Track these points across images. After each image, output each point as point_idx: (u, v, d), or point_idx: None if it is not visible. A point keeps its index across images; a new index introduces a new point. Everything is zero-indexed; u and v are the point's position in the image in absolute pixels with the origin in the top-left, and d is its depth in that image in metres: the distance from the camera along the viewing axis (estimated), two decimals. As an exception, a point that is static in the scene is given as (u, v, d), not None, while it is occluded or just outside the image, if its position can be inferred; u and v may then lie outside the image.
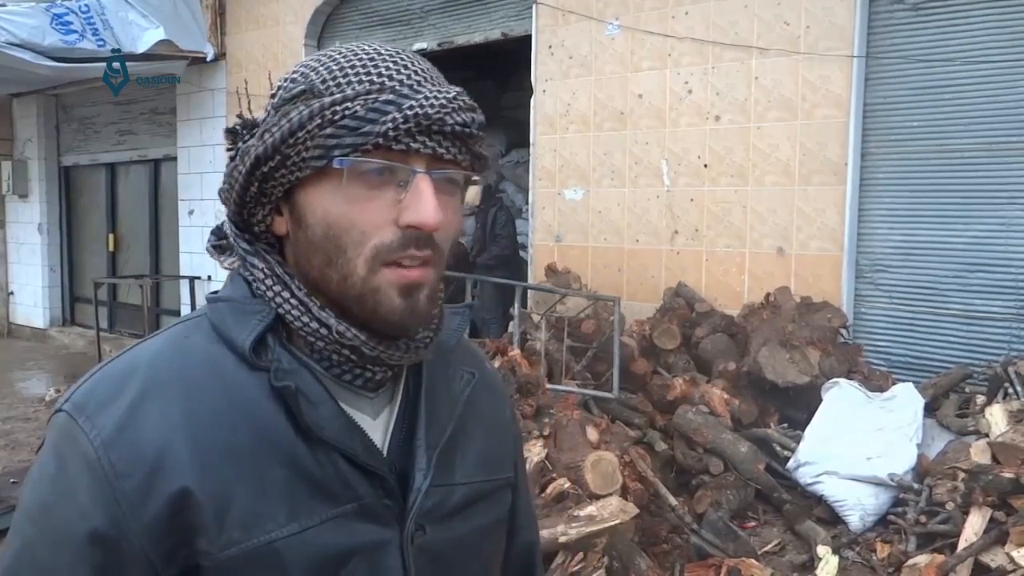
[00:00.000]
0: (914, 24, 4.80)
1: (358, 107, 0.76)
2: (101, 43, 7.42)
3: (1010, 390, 4.03)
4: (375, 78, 0.78)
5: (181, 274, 8.98)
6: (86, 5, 7.38)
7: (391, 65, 0.79)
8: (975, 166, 4.66)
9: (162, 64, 8.03)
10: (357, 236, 0.77)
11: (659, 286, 5.62)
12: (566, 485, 3.26)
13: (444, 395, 0.90)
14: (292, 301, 0.80)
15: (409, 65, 0.80)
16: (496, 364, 4.24)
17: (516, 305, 4.88)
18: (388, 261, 0.77)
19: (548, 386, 4.19)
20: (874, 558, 3.61)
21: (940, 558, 3.29)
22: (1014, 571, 3.07)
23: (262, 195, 0.82)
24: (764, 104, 5.21)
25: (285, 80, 0.83)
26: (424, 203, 0.76)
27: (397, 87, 0.77)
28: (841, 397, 4.25)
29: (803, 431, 4.21)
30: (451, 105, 0.78)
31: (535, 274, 6.22)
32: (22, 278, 11.14)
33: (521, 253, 7.19)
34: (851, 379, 4.43)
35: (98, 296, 8.79)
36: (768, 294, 5.03)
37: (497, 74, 9.42)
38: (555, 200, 6.20)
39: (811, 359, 4.50)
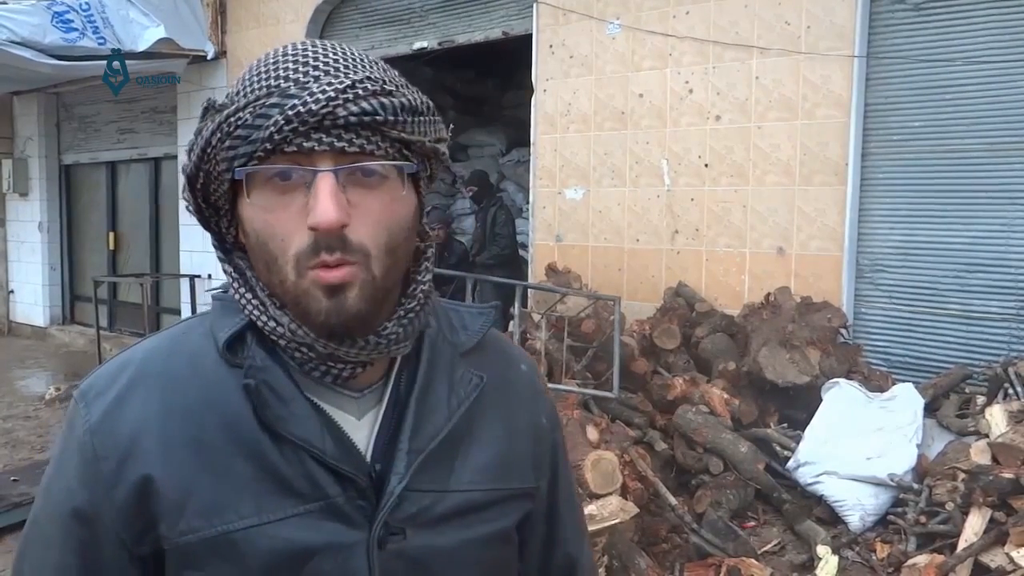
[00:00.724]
0: (915, 24, 4.80)
1: (247, 115, 0.76)
2: (102, 41, 7.42)
3: (1010, 391, 4.03)
4: (272, 81, 0.76)
5: (181, 273, 8.97)
6: (87, 3, 7.38)
7: (291, 64, 0.77)
8: (976, 166, 4.66)
9: (163, 62, 8.02)
10: (279, 243, 0.77)
11: (659, 286, 5.62)
12: (566, 484, 3.25)
13: (442, 398, 0.87)
14: (254, 302, 0.82)
15: (311, 60, 0.77)
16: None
17: (516, 304, 4.87)
18: (310, 265, 0.76)
19: (548, 385, 4.18)
20: (874, 558, 3.61)
21: (940, 558, 3.29)
22: (1014, 571, 3.07)
23: (213, 208, 0.84)
24: (765, 104, 5.21)
25: (241, 80, 0.82)
26: (319, 203, 0.74)
27: (287, 87, 0.75)
28: (841, 397, 4.25)
29: (803, 431, 4.21)
30: (342, 96, 0.75)
31: (535, 273, 6.22)
32: (22, 276, 11.15)
33: (521, 252, 7.19)
34: (851, 379, 4.43)
35: (98, 294, 8.78)
36: (768, 294, 5.03)
37: (498, 73, 9.43)
38: (555, 199, 6.20)
39: (811, 359, 4.50)
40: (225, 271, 0.86)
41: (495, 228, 7.05)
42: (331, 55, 0.78)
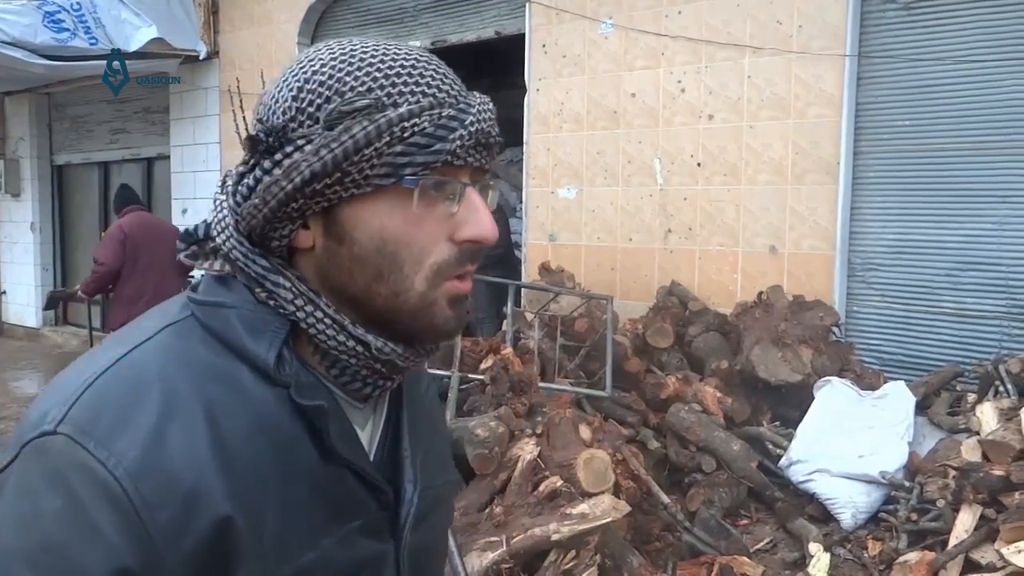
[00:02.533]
0: (906, 23, 4.82)
1: (426, 124, 0.73)
2: (93, 41, 7.40)
3: (1001, 388, 4.05)
4: (427, 90, 0.75)
5: (174, 273, 8.94)
6: (78, 3, 7.35)
7: (435, 73, 0.77)
8: (967, 165, 4.68)
9: (155, 62, 8.00)
10: (416, 253, 0.75)
11: (652, 285, 5.63)
12: (559, 483, 3.26)
13: (417, 401, 0.90)
14: (326, 321, 0.76)
15: (448, 73, 0.78)
16: (489, 363, 4.24)
17: (509, 304, 4.88)
18: (450, 276, 0.77)
19: (541, 384, 4.19)
20: (865, 555, 3.62)
21: (931, 555, 3.30)
22: (1004, 568, 3.08)
23: (299, 211, 0.75)
24: (757, 103, 5.22)
25: (315, 85, 0.75)
26: (483, 217, 0.76)
27: (454, 101, 0.76)
28: (833, 395, 4.26)
29: (795, 429, 4.23)
30: (493, 116, 0.79)
31: (529, 273, 6.22)
32: (15, 277, 11.10)
33: (515, 252, 7.20)
34: (843, 377, 4.45)
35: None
36: (761, 293, 5.04)
37: (491, 73, 9.42)
38: (548, 199, 6.21)
39: (803, 357, 4.51)
40: (278, 284, 0.76)
41: (488, 228, 7.05)
42: (443, 66, 0.79)
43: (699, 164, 5.47)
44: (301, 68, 0.76)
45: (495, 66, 8.55)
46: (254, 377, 0.74)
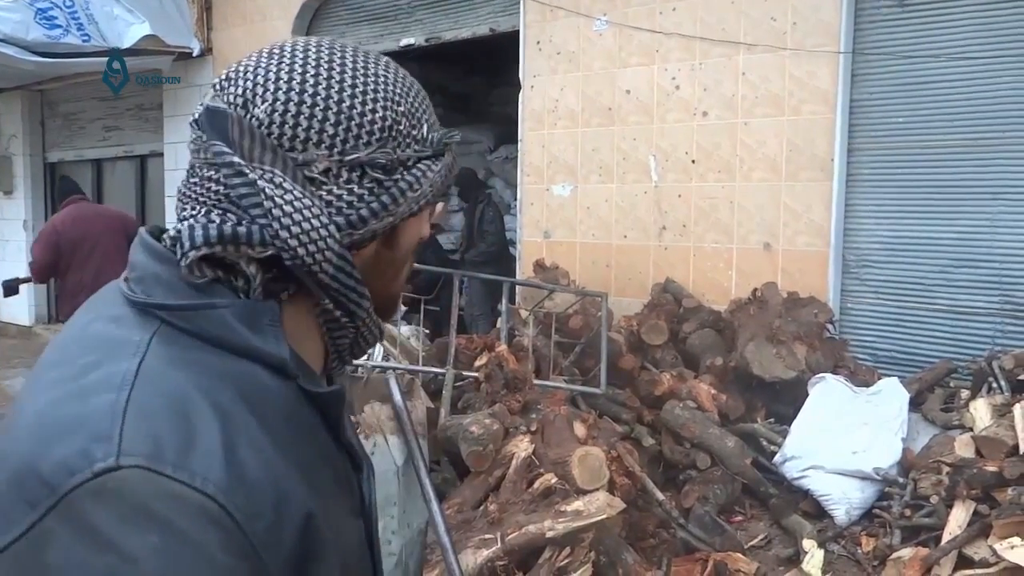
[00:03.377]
0: (900, 20, 4.82)
1: (450, 157, 0.85)
2: (86, 38, 7.37)
3: (994, 385, 4.06)
4: (428, 114, 0.84)
5: (168, 270, 8.91)
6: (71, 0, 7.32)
7: (422, 100, 0.85)
8: (961, 162, 4.69)
9: (148, 59, 7.97)
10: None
11: (647, 282, 5.63)
12: (553, 480, 3.26)
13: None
14: (372, 316, 0.83)
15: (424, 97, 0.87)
16: (484, 360, 4.24)
17: (504, 301, 4.88)
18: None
19: (536, 382, 4.19)
20: (859, 551, 3.63)
21: (924, 551, 3.31)
22: (997, 563, 3.09)
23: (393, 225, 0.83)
24: (751, 100, 5.22)
25: (397, 105, 0.79)
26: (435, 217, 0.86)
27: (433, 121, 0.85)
28: (827, 392, 4.27)
29: (789, 426, 4.23)
30: None
31: (523, 270, 6.22)
32: (7, 275, 11.01)
33: (509, 249, 7.19)
34: (837, 374, 4.46)
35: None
36: (755, 290, 5.05)
37: (485, 70, 9.41)
38: (543, 196, 6.20)
39: (797, 354, 4.52)
40: (362, 294, 0.79)
41: (483, 225, 7.05)
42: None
43: (694, 161, 5.47)
44: (361, 79, 0.78)
45: (490, 63, 8.54)
46: (268, 373, 0.72)
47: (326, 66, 0.76)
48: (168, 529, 0.59)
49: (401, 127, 0.78)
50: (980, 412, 3.85)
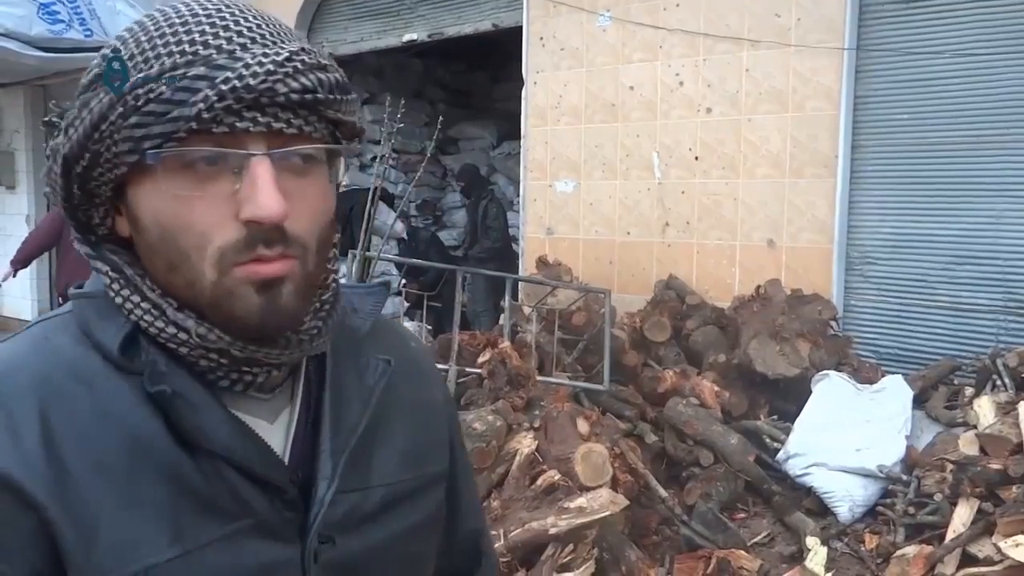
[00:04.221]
0: (904, 17, 4.80)
1: (163, 88, 0.64)
2: (88, 33, 7.36)
3: (998, 382, 4.05)
4: (187, 47, 0.65)
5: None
6: (73, -6, 7.31)
7: (208, 28, 0.66)
8: (965, 159, 4.67)
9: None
10: (196, 238, 0.67)
11: (650, 278, 5.62)
12: (556, 477, 3.26)
13: (354, 390, 0.80)
14: (144, 305, 0.70)
15: (232, 24, 0.67)
16: (487, 356, 4.24)
17: (507, 297, 4.87)
18: (239, 261, 0.67)
19: (539, 378, 4.19)
20: (863, 549, 3.62)
21: (928, 549, 3.31)
22: (1001, 561, 3.09)
23: (90, 196, 0.72)
24: (755, 96, 5.21)
25: (97, 58, 0.69)
26: (261, 193, 0.65)
27: (211, 56, 0.65)
28: (830, 389, 4.26)
29: (793, 423, 4.23)
30: (282, 70, 0.66)
31: (526, 266, 6.22)
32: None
33: (512, 245, 7.19)
34: (840, 371, 4.45)
35: (87, 288, 8.69)
36: (758, 286, 5.04)
37: (488, 66, 9.40)
38: (546, 192, 6.19)
39: (801, 351, 4.51)
40: (97, 269, 0.73)
41: (487, 221, 7.06)
42: (251, 19, 0.69)
43: (697, 158, 5.46)
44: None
45: (493, 59, 8.54)
46: (105, 366, 0.70)
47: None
48: None
49: (88, 73, 0.70)
50: (984, 410, 3.84)
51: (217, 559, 0.69)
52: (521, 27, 6.22)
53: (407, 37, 7.11)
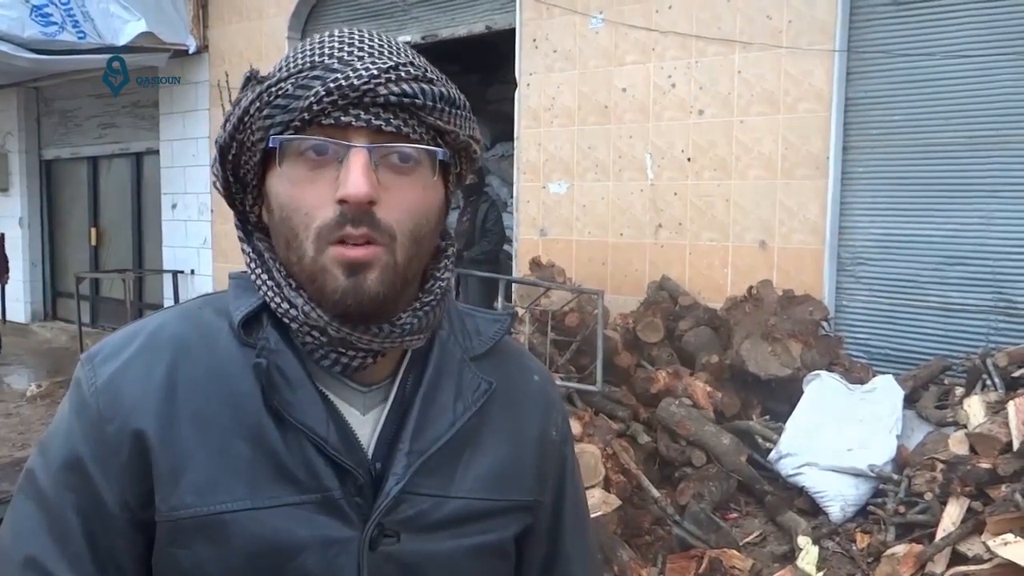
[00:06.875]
0: (895, 19, 4.83)
1: (288, 85, 0.76)
2: (81, 35, 7.35)
3: (988, 382, 4.08)
4: (316, 57, 0.77)
5: (164, 268, 8.92)
6: (66, -3, 7.30)
7: (336, 45, 0.78)
8: (955, 160, 4.70)
9: (144, 56, 7.96)
10: (303, 218, 0.77)
11: (643, 279, 5.64)
12: (549, 477, 3.26)
13: (448, 402, 0.85)
14: (269, 283, 0.81)
15: (357, 43, 0.78)
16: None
17: (500, 299, 4.88)
18: (331, 240, 0.76)
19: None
20: (854, 548, 3.65)
21: (918, 548, 3.33)
22: (990, 560, 3.11)
23: (241, 184, 0.83)
24: (747, 98, 5.23)
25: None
26: (350, 175, 0.74)
27: (330, 63, 0.76)
28: (822, 389, 4.28)
29: (785, 423, 4.25)
30: (385, 76, 0.75)
31: (519, 268, 6.23)
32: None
33: (505, 247, 7.20)
34: (832, 371, 4.47)
35: (80, 291, 8.71)
36: (751, 287, 5.06)
37: (482, 68, 9.40)
38: (539, 194, 6.21)
39: (793, 352, 4.53)
40: (244, 251, 0.85)
41: (486, 225, 7.05)
42: (376, 41, 0.80)
43: (689, 159, 5.48)
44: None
45: (486, 61, 8.54)
46: (230, 335, 0.82)
47: None
48: (70, 401, 0.82)
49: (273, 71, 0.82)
50: (974, 409, 3.87)
51: (282, 521, 0.77)
52: (514, 29, 6.24)
53: (401, 39, 7.02)
